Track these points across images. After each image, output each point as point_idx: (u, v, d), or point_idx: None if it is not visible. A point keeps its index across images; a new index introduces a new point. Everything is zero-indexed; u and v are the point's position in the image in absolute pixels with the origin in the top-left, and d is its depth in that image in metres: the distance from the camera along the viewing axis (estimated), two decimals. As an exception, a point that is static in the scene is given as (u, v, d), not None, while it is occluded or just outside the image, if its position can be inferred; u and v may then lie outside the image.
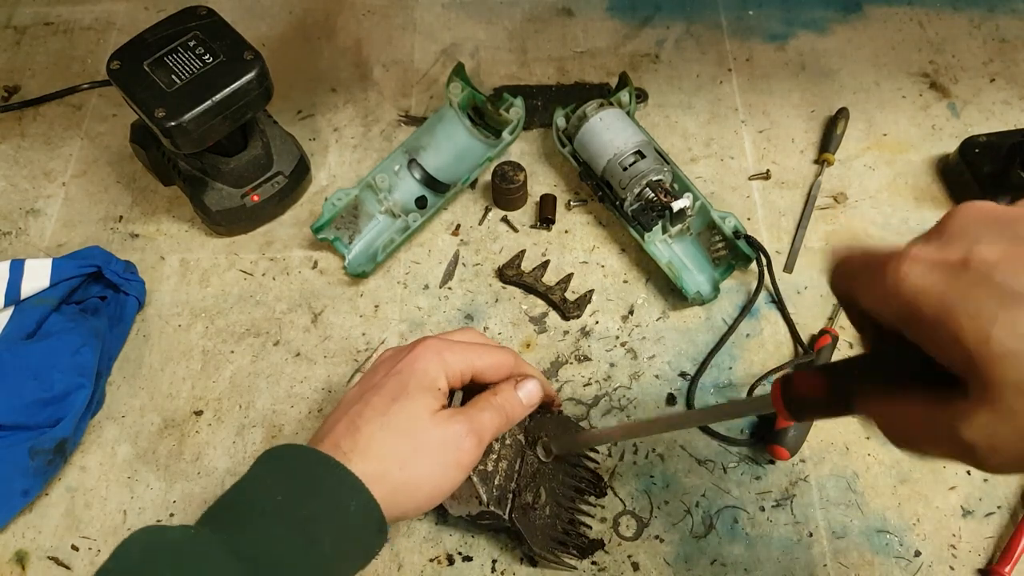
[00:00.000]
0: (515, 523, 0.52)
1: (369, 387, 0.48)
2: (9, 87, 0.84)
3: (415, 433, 0.45)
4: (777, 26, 0.86)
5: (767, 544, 0.58)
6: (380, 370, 0.49)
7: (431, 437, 0.45)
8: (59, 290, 0.65)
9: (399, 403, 0.46)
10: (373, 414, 0.45)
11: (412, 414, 0.46)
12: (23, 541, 0.59)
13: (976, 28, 0.86)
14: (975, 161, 0.71)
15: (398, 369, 0.48)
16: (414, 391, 0.46)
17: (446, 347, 0.49)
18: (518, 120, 0.74)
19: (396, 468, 0.44)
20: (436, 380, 0.47)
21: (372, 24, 0.88)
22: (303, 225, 0.74)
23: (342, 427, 0.45)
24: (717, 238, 0.68)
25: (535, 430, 0.57)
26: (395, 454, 0.44)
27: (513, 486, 0.53)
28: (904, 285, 0.30)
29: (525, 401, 0.51)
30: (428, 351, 0.48)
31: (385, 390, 0.47)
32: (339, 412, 0.47)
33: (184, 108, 0.60)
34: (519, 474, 0.54)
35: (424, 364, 0.47)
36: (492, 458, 0.53)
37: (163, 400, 0.65)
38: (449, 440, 0.46)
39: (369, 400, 0.46)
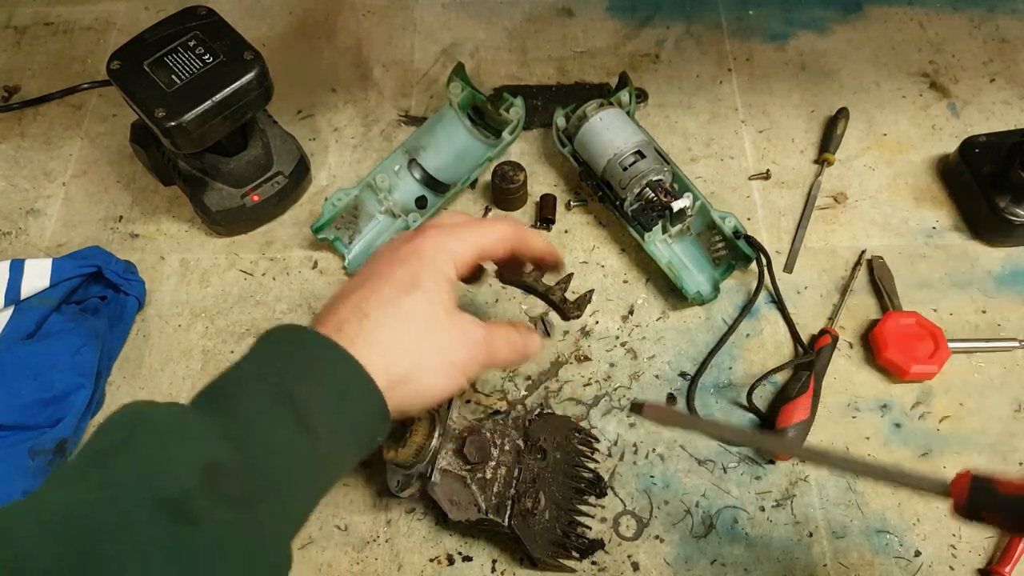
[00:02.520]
0: (514, 530, 0.53)
1: (373, 275, 0.44)
2: (9, 87, 0.84)
3: (430, 327, 0.43)
4: (777, 26, 0.86)
5: (767, 544, 0.58)
6: (382, 259, 0.46)
7: (447, 333, 0.43)
8: (59, 290, 0.65)
9: (412, 295, 0.43)
10: (381, 302, 0.42)
11: (428, 307, 0.43)
12: (23, 541, 0.59)
13: (976, 28, 0.86)
14: (975, 161, 0.71)
15: (403, 258, 0.44)
16: (428, 283, 0.43)
17: (450, 234, 0.46)
18: (518, 120, 0.74)
19: (405, 360, 0.41)
20: (447, 270, 0.45)
21: (372, 24, 0.88)
22: (303, 225, 0.74)
23: (346, 311, 0.42)
24: (717, 238, 0.68)
25: (535, 434, 0.57)
26: (406, 346, 0.42)
27: (512, 492, 0.54)
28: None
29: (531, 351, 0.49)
30: (432, 240, 0.45)
31: (395, 280, 0.43)
32: (340, 299, 0.44)
33: (184, 108, 0.60)
34: (518, 480, 0.54)
35: (433, 254, 0.44)
36: (491, 465, 0.53)
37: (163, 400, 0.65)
38: (465, 342, 0.44)
39: (377, 288, 0.43)
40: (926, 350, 0.63)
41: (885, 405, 0.64)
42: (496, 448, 0.54)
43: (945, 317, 0.67)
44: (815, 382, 0.62)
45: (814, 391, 0.62)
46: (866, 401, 0.64)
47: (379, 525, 0.59)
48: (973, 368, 0.65)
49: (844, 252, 0.71)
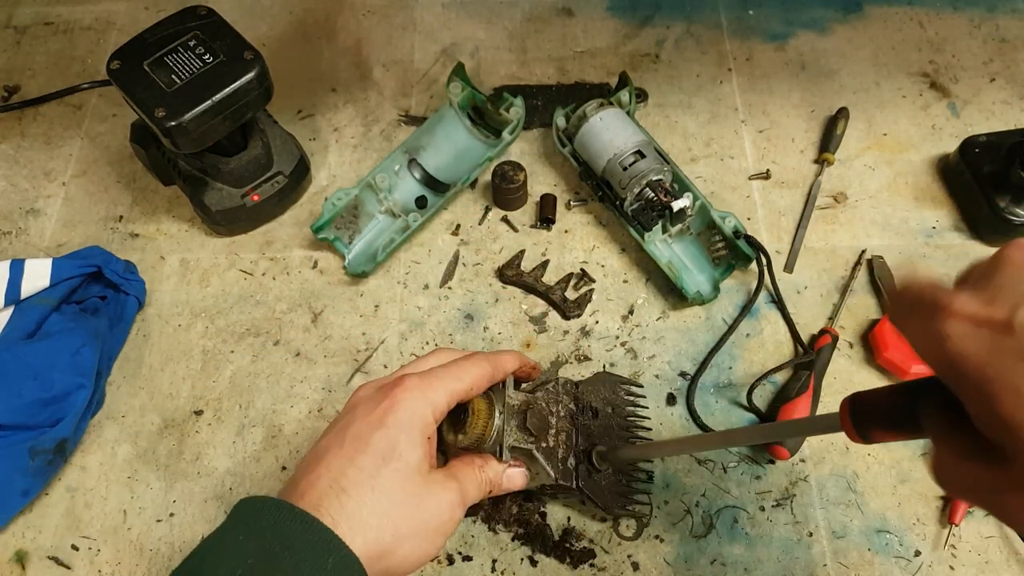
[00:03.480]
0: (584, 491, 0.54)
1: (350, 439, 0.44)
2: (9, 87, 0.84)
3: (409, 498, 0.43)
4: (777, 26, 0.86)
5: (767, 544, 0.58)
6: (359, 416, 0.45)
7: (425, 502, 0.44)
8: (59, 290, 0.65)
9: (390, 466, 0.43)
10: (361, 477, 0.42)
11: (405, 478, 0.43)
12: (23, 541, 0.59)
13: (976, 28, 0.86)
14: (975, 161, 0.71)
15: (379, 420, 0.44)
16: (405, 449, 0.44)
17: (427, 385, 0.46)
18: (518, 120, 0.74)
19: (386, 535, 0.42)
20: (425, 428, 0.45)
21: (372, 24, 0.88)
22: (303, 225, 0.74)
23: (324, 484, 0.42)
24: (717, 238, 0.68)
25: (584, 396, 0.58)
26: (387, 521, 0.42)
27: (573, 455, 0.55)
28: (945, 346, 0.28)
29: (506, 484, 0.52)
30: (409, 394, 0.45)
31: (372, 448, 0.43)
32: (317, 465, 0.43)
33: (184, 108, 0.60)
34: (577, 443, 0.56)
35: (410, 414, 0.45)
36: (551, 433, 0.54)
37: (163, 400, 0.65)
38: (443, 509, 0.45)
39: (354, 458, 0.43)
40: (926, 350, 0.63)
41: (885, 405, 0.64)
42: (553, 416, 0.55)
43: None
44: (815, 382, 0.62)
45: (814, 391, 0.62)
46: (866, 401, 0.64)
47: None
48: (973, 368, 0.65)
49: (844, 252, 0.71)
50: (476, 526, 0.59)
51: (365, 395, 0.48)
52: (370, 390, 0.48)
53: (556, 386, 0.58)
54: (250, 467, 0.62)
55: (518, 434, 0.53)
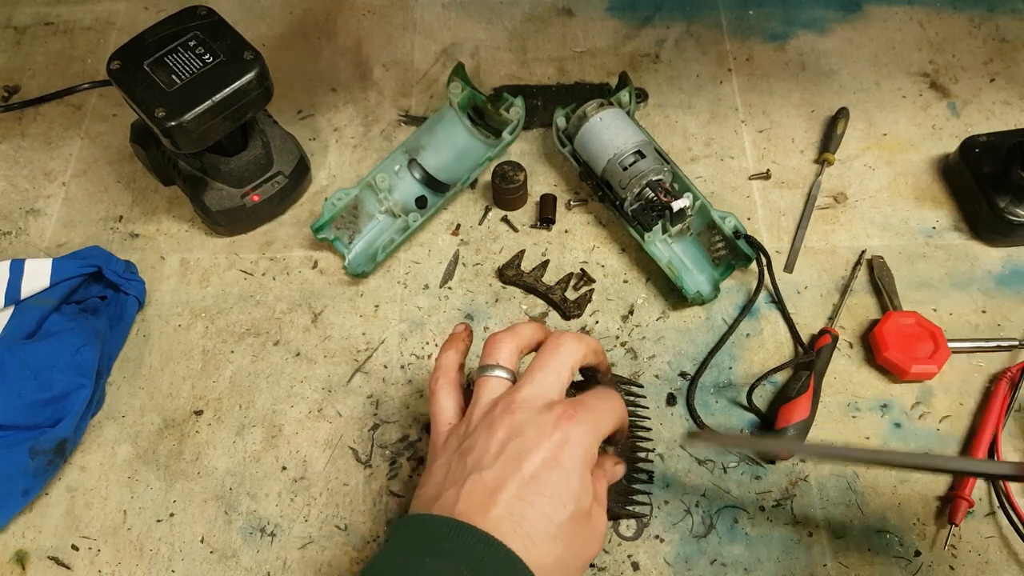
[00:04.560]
0: None
1: (528, 476, 0.43)
2: (9, 87, 0.84)
3: (583, 542, 0.44)
4: (777, 26, 0.86)
5: (767, 544, 0.58)
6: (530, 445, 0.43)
7: (590, 541, 0.45)
8: (59, 290, 0.65)
9: (569, 511, 0.42)
10: (545, 524, 0.42)
11: (582, 524, 0.44)
12: (23, 541, 0.59)
13: (976, 28, 0.86)
14: (975, 161, 0.71)
15: (557, 457, 0.43)
16: (582, 493, 0.43)
17: (596, 420, 0.46)
18: (518, 120, 0.74)
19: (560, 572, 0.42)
20: (592, 463, 0.45)
21: (372, 24, 0.88)
22: (303, 225, 0.74)
23: (507, 526, 0.41)
24: (717, 238, 0.68)
25: None
26: (563, 567, 0.42)
27: None
28: None
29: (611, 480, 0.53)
30: (583, 429, 0.44)
31: (552, 492, 0.42)
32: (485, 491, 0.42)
33: (184, 108, 0.60)
34: None
35: (583, 451, 0.44)
36: None
37: (163, 400, 0.65)
38: (599, 539, 0.46)
39: (536, 503, 0.42)
40: (926, 350, 0.63)
41: (885, 405, 0.64)
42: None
43: (945, 317, 0.67)
44: (815, 382, 0.62)
45: (814, 391, 0.62)
46: (866, 401, 0.64)
47: (379, 525, 0.59)
48: (973, 368, 0.65)
49: (844, 252, 0.71)
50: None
51: (528, 418, 0.45)
52: (532, 412, 0.45)
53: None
54: (250, 467, 0.62)
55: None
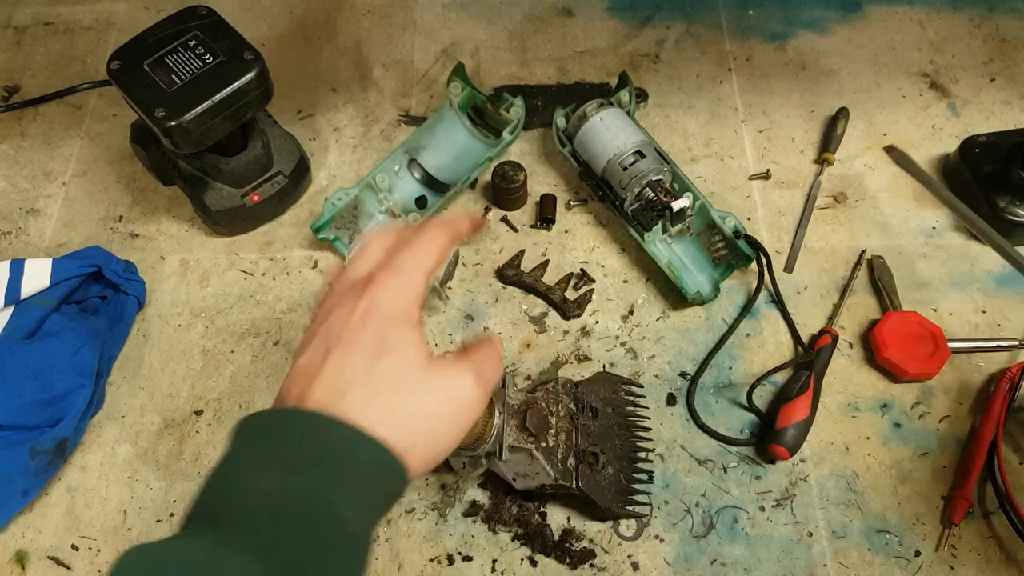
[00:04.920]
0: (584, 491, 0.55)
1: (334, 343, 0.40)
2: (9, 87, 0.84)
3: (414, 389, 0.40)
4: (777, 26, 0.86)
5: (767, 544, 0.58)
6: (338, 321, 0.41)
7: (434, 391, 0.40)
8: (59, 290, 0.65)
9: (384, 360, 0.39)
10: (357, 376, 0.39)
11: (403, 368, 0.40)
12: (23, 541, 0.59)
13: (976, 28, 0.86)
14: (975, 161, 0.71)
15: (363, 318, 0.41)
16: (396, 342, 0.40)
17: (400, 272, 0.42)
18: (518, 120, 0.74)
19: (401, 431, 0.38)
20: (410, 316, 0.41)
21: (372, 24, 0.88)
22: (303, 225, 0.74)
23: (321, 394, 0.39)
24: (717, 238, 0.68)
25: (584, 396, 0.59)
26: (398, 417, 0.39)
27: (573, 455, 0.56)
28: None
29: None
30: (386, 286, 0.42)
31: (360, 347, 0.40)
32: (304, 377, 0.40)
33: (184, 108, 0.60)
34: (577, 443, 0.56)
35: (391, 305, 0.41)
36: (551, 433, 0.54)
37: (163, 400, 0.65)
38: (457, 391, 0.41)
39: (344, 360, 0.39)
40: (926, 350, 0.63)
41: (885, 405, 0.64)
42: (553, 416, 0.55)
43: (945, 317, 0.67)
44: (815, 382, 0.62)
45: (814, 391, 0.62)
46: (866, 401, 0.64)
47: (379, 525, 0.59)
48: (973, 368, 0.65)
49: (844, 252, 0.71)
50: (476, 526, 0.59)
51: (335, 301, 0.43)
52: (337, 297, 0.43)
53: (556, 386, 0.58)
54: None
55: (518, 434, 0.53)
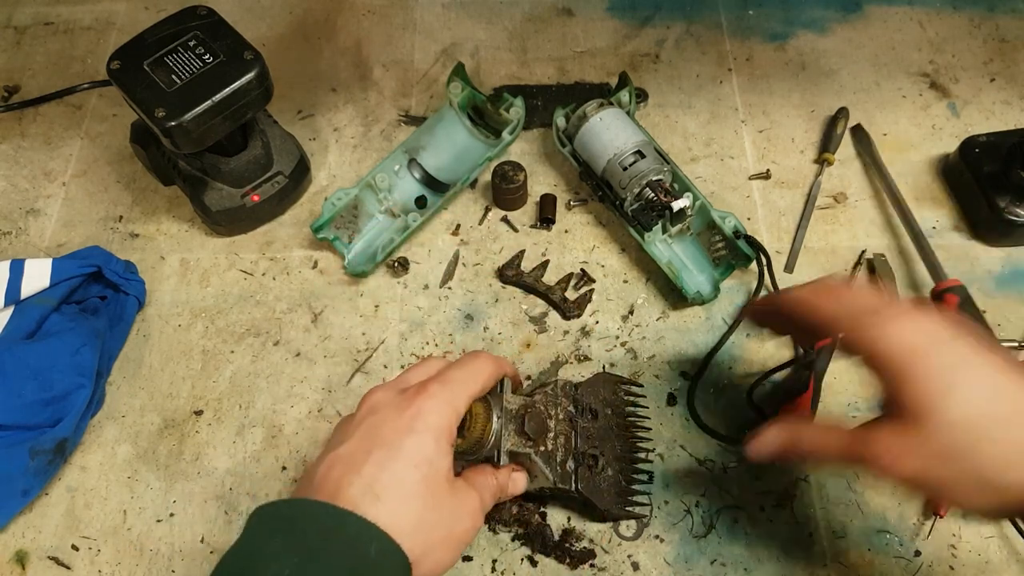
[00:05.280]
0: (583, 494, 0.55)
1: (379, 444, 0.44)
2: (9, 87, 0.84)
3: (439, 507, 0.43)
4: (777, 26, 0.86)
5: (767, 544, 0.58)
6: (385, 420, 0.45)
7: (453, 512, 0.44)
8: (59, 290, 0.65)
9: (422, 472, 0.43)
10: (394, 483, 0.42)
11: (436, 485, 0.44)
12: (23, 541, 0.59)
13: (976, 28, 0.86)
14: (975, 161, 0.71)
15: (410, 425, 0.44)
16: (435, 456, 0.44)
17: (450, 390, 0.46)
18: (518, 120, 0.74)
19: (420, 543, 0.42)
20: (451, 434, 0.45)
21: (372, 24, 0.88)
22: (303, 225, 0.74)
23: (357, 491, 0.41)
24: (717, 238, 0.68)
25: (583, 398, 0.59)
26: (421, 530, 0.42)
27: (572, 458, 0.55)
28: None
29: (511, 489, 0.52)
30: (436, 400, 0.45)
31: (404, 454, 0.43)
32: (342, 468, 0.43)
33: (184, 108, 0.60)
34: (576, 445, 0.56)
35: (437, 419, 0.45)
36: (550, 437, 0.54)
37: (163, 400, 0.65)
38: (467, 516, 0.45)
39: (387, 466, 0.43)
40: (926, 350, 0.63)
41: (885, 405, 0.64)
42: (552, 419, 0.55)
43: (945, 317, 0.67)
44: (815, 382, 0.62)
45: (814, 391, 0.62)
46: (866, 401, 0.64)
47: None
48: (973, 368, 0.65)
49: (844, 252, 0.71)
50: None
51: (385, 399, 0.47)
52: (390, 394, 0.47)
53: (555, 388, 0.57)
54: (250, 467, 0.62)
55: (516, 438, 0.53)
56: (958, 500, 0.41)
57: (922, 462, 0.40)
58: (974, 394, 0.40)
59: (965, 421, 0.39)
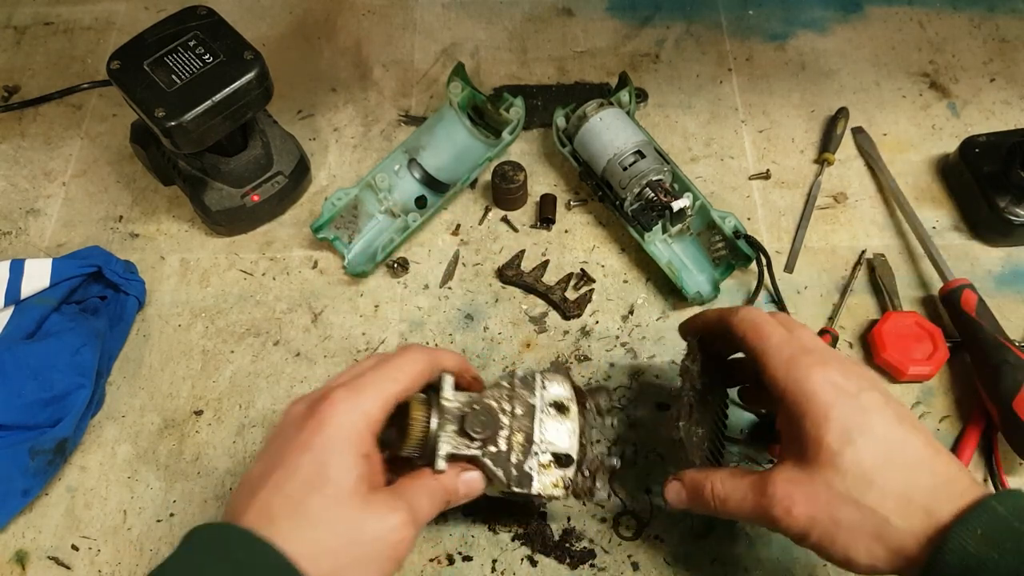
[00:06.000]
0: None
1: (277, 465, 0.41)
2: (9, 87, 0.84)
3: (345, 526, 0.40)
4: (777, 26, 0.86)
5: (767, 544, 0.58)
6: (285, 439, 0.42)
7: (365, 530, 0.41)
8: (59, 290, 0.65)
9: (320, 492, 0.40)
10: (288, 505, 0.40)
11: (338, 503, 0.40)
12: (23, 541, 0.59)
13: (976, 28, 0.86)
14: (975, 161, 0.71)
15: (308, 441, 0.41)
16: (337, 473, 0.40)
17: (356, 395, 0.43)
18: (518, 120, 0.74)
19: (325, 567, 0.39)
20: (359, 444, 0.42)
21: (372, 24, 0.88)
22: (303, 225, 0.74)
23: (254, 516, 0.39)
24: (717, 238, 0.68)
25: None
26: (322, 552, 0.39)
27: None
28: None
29: (464, 491, 0.48)
30: (338, 408, 0.42)
31: (299, 473, 0.40)
32: (247, 495, 0.41)
33: (184, 108, 0.60)
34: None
35: (339, 430, 0.41)
36: (503, 435, 0.49)
37: (163, 400, 0.65)
38: (388, 533, 0.41)
39: (280, 485, 0.40)
40: (924, 351, 0.63)
41: (885, 405, 0.64)
42: (506, 415, 0.50)
43: (945, 317, 0.67)
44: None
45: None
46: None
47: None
48: (973, 368, 0.65)
49: (844, 252, 0.71)
50: (476, 526, 0.59)
51: (295, 412, 0.44)
52: (300, 407, 0.44)
53: (511, 380, 0.52)
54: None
55: (458, 439, 0.48)
56: (849, 548, 0.42)
57: (819, 506, 0.42)
58: (878, 441, 0.42)
59: (872, 465, 0.41)
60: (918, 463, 0.42)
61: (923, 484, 0.41)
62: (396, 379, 0.45)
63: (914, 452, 0.42)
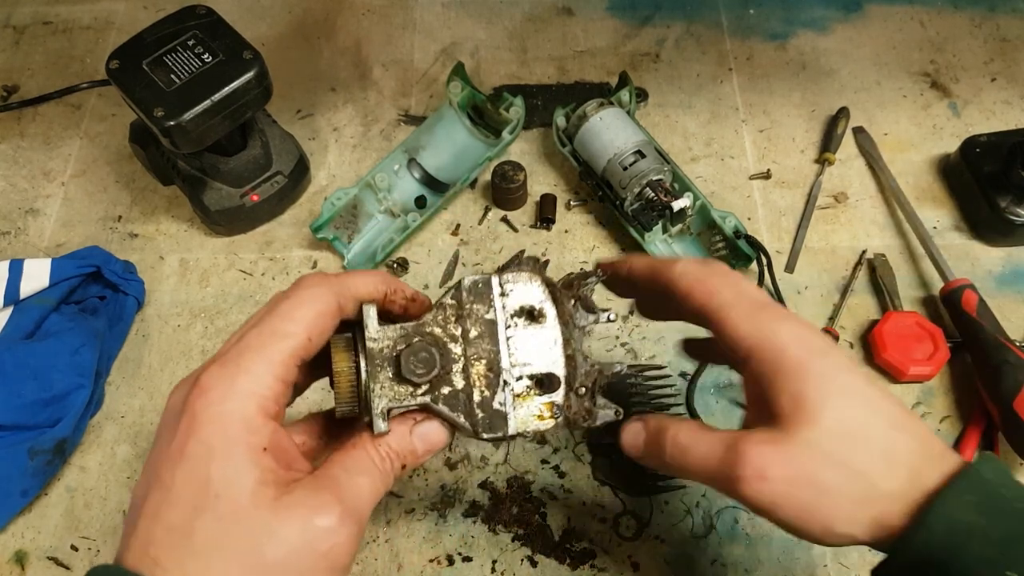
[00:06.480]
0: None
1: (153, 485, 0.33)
2: (8, 87, 0.84)
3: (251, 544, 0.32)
4: (777, 25, 0.86)
5: (767, 544, 0.58)
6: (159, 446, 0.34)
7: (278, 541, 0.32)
8: (58, 290, 0.65)
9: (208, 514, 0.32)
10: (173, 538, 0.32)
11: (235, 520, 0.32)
12: (23, 541, 0.59)
13: (977, 27, 0.85)
14: (976, 161, 0.71)
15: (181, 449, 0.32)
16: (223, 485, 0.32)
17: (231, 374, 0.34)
18: (518, 120, 0.74)
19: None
20: (248, 437, 0.33)
21: (372, 24, 0.88)
22: (303, 225, 0.74)
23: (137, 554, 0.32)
24: (717, 238, 0.68)
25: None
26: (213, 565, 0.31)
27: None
28: None
29: (422, 449, 0.38)
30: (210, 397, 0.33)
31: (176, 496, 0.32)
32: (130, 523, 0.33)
33: (183, 108, 0.60)
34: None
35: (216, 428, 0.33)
36: (458, 368, 0.38)
37: (163, 400, 0.64)
38: (312, 537, 0.33)
39: (161, 516, 0.32)
40: (925, 351, 0.63)
41: (885, 405, 0.63)
42: (458, 342, 0.39)
43: (945, 317, 0.67)
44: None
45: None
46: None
47: (379, 525, 0.59)
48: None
49: (844, 252, 0.71)
50: (476, 526, 0.59)
51: (171, 407, 0.35)
52: (177, 398, 0.35)
53: (458, 294, 0.40)
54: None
55: (396, 388, 0.37)
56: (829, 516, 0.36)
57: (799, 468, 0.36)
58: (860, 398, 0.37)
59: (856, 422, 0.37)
60: (901, 423, 0.37)
61: (907, 446, 0.37)
62: (288, 333, 0.35)
63: (893, 412, 0.38)
